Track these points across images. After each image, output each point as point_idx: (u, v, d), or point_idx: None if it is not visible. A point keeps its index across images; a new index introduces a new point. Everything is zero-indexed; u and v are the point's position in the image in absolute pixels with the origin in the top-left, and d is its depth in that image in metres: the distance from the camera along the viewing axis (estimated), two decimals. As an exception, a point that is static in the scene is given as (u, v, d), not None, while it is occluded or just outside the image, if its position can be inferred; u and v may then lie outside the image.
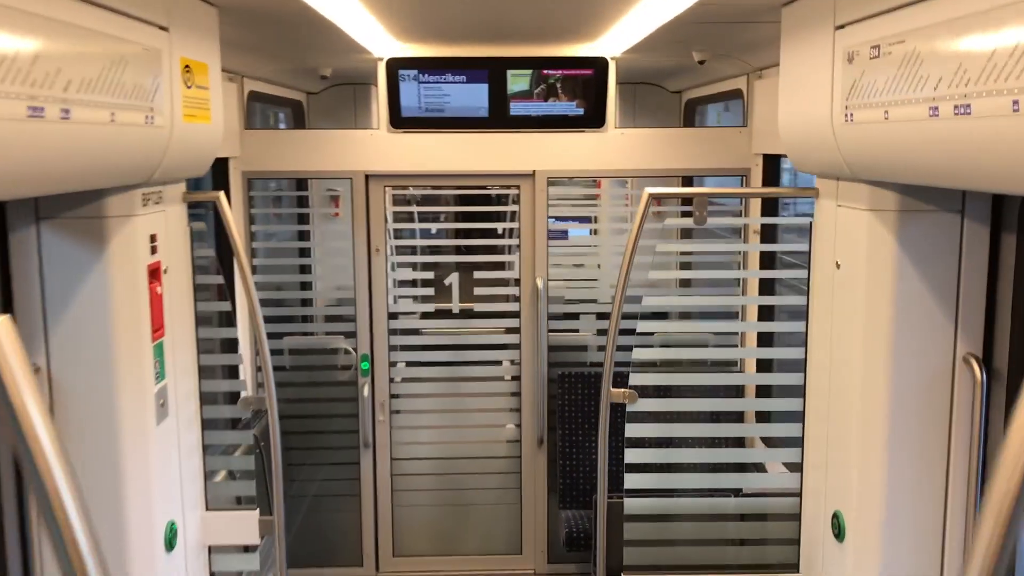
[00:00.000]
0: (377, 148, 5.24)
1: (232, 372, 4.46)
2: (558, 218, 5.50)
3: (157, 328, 2.97)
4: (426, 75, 5.08)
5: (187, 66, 2.85)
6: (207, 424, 3.44)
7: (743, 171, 5.26)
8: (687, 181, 6.40)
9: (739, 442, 4.54)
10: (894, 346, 2.80)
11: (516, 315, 5.48)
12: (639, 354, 3.41)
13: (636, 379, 3.42)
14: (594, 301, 5.62)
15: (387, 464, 5.56)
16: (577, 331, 5.68)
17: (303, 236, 6.06)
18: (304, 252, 6.02)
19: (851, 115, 2.59)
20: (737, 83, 5.52)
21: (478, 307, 5.47)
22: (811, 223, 3.25)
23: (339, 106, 7.35)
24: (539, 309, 5.30)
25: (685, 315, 4.85)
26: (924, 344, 2.80)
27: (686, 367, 3.98)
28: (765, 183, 5.15)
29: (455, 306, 5.50)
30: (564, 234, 5.94)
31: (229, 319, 3.58)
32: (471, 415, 5.61)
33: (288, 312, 5.62)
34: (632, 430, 3.41)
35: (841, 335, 2.99)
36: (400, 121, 5.18)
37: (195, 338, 3.31)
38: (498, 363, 5.65)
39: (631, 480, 3.45)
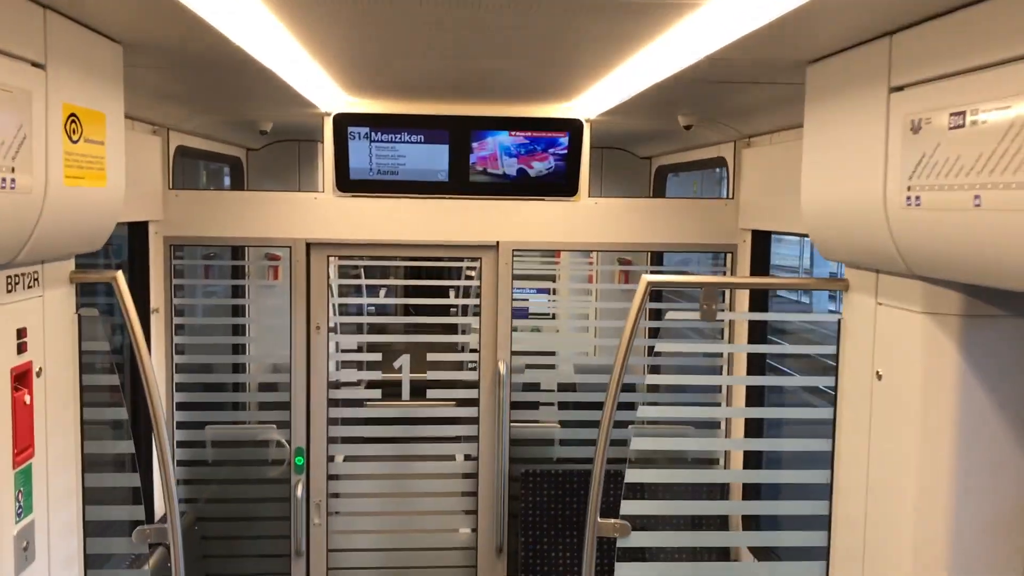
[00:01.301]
0: (321, 213, 4.62)
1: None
2: (517, 290, 4.90)
3: (23, 449, 2.29)
4: (379, 133, 4.50)
5: (73, 115, 2.22)
6: (95, 562, 2.73)
7: (727, 247, 4.76)
8: (657, 257, 5.89)
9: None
10: (958, 479, 2.26)
11: (474, 403, 4.85)
12: (633, 476, 2.80)
13: (629, 508, 2.81)
14: (551, 390, 5.03)
15: (322, 575, 4.82)
16: (537, 422, 5.07)
17: (238, 311, 5.41)
18: (238, 329, 5.35)
19: (916, 198, 2.06)
20: (720, 151, 5.05)
21: (431, 393, 4.82)
22: (839, 322, 2.72)
23: (282, 165, 6.73)
24: (501, 397, 4.68)
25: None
26: (994, 477, 2.27)
27: (687, 492, 3.39)
28: (753, 262, 4.64)
29: (405, 392, 4.85)
30: (524, 312, 5.37)
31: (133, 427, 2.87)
32: (420, 518, 4.92)
33: (214, 398, 4.91)
34: (625, 571, 2.78)
35: (885, 460, 2.43)
36: (348, 184, 4.58)
37: (79, 455, 2.62)
38: (451, 458, 4.99)
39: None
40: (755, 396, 4.55)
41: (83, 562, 2.65)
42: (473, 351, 4.96)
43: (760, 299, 4.64)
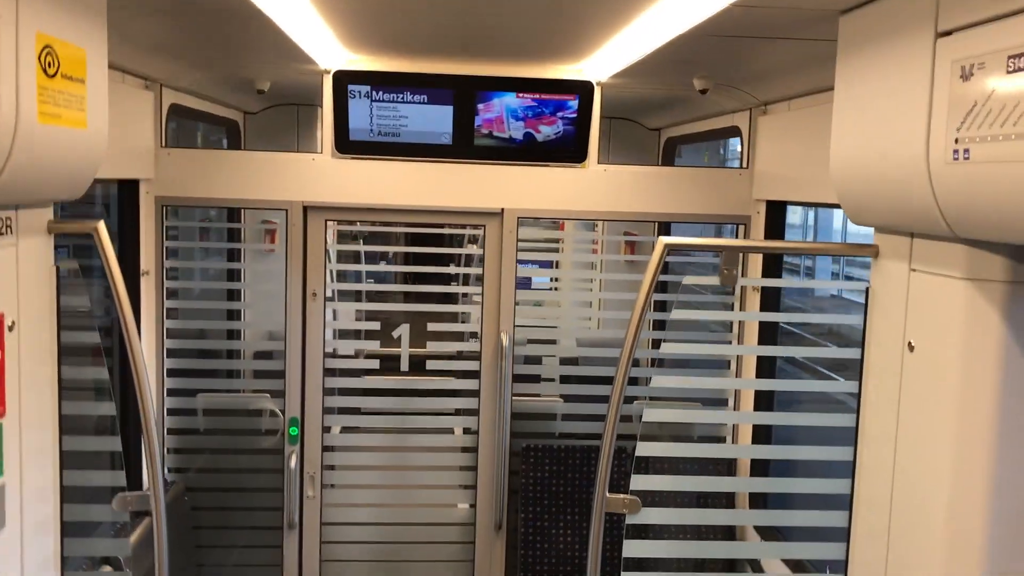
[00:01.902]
0: (319, 175, 4.45)
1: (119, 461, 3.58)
2: (520, 262, 4.72)
3: (-7, 406, 2.13)
4: (380, 92, 4.31)
5: (48, 47, 2.05)
6: (71, 529, 2.57)
7: (741, 218, 4.59)
8: (664, 227, 5.71)
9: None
10: (998, 459, 2.10)
11: (475, 375, 4.69)
12: (644, 449, 2.64)
13: (639, 483, 2.65)
14: (553, 356, 4.85)
15: (315, 549, 4.69)
16: (539, 395, 4.92)
17: (233, 275, 5.25)
18: (233, 295, 5.19)
19: (965, 151, 1.89)
20: (735, 120, 4.86)
21: (431, 365, 4.67)
22: (866, 290, 2.55)
23: (280, 129, 6.54)
24: (503, 369, 4.53)
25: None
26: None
27: (694, 469, 3.23)
28: (768, 233, 4.47)
29: (404, 362, 4.69)
30: (527, 282, 5.20)
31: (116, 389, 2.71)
32: (417, 492, 4.78)
33: (207, 365, 4.75)
34: (633, 548, 2.63)
35: (916, 437, 2.27)
36: (347, 145, 4.40)
37: (55, 416, 2.46)
38: (450, 431, 4.84)
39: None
40: (767, 370, 4.40)
41: (59, 529, 2.50)
42: (472, 333, 4.79)
43: (774, 269, 4.46)
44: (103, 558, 2.88)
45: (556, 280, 6.35)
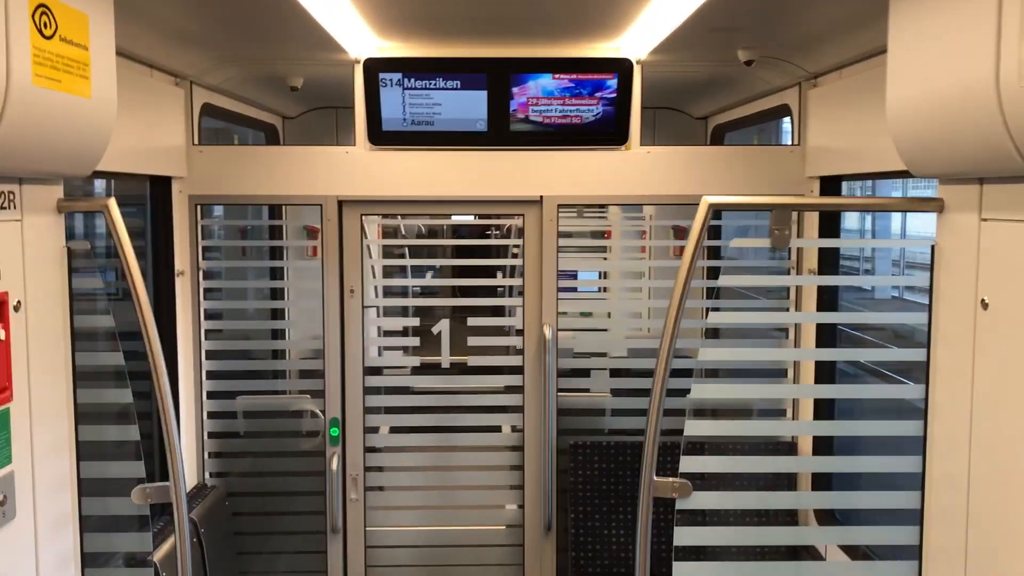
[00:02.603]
0: (353, 168, 4.34)
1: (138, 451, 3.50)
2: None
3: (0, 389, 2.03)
4: (412, 79, 4.19)
5: (43, 6, 1.95)
6: (92, 524, 2.46)
7: (794, 198, 4.35)
8: (716, 214, 5.47)
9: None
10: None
11: (519, 371, 4.52)
12: (693, 428, 2.44)
13: (689, 464, 2.45)
14: (604, 355, 4.67)
15: (360, 554, 4.55)
16: (588, 391, 4.74)
17: (275, 274, 5.16)
18: (275, 294, 5.10)
19: (1042, 69, 1.68)
20: (783, 98, 4.64)
21: (473, 361, 4.51)
22: (932, 249, 2.33)
23: (319, 133, 6.48)
24: (547, 363, 4.35)
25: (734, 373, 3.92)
26: None
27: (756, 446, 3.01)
28: (822, 215, 4.23)
29: (445, 360, 4.55)
30: (572, 276, 5.02)
31: (145, 374, 2.59)
32: (464, 494, 4.62)
33: (247, 367, 4.67)
34: (684, 536, 2.43)
35: (994, 404, 2.04)
36: (380, 136, 4.29)
37: (70, 403, 2.36)
38: (497, 429, 4.67)
39: None
40: (827, 344, 4.14)
41: (78, 523, 2.40)
42: (518, 330, 4.62)
43: (831, 258, 4.21)
44: (127, 555, 2.76)
45: (604, 290, 6.13)
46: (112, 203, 2.34)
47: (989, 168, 2.00)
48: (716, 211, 5.24)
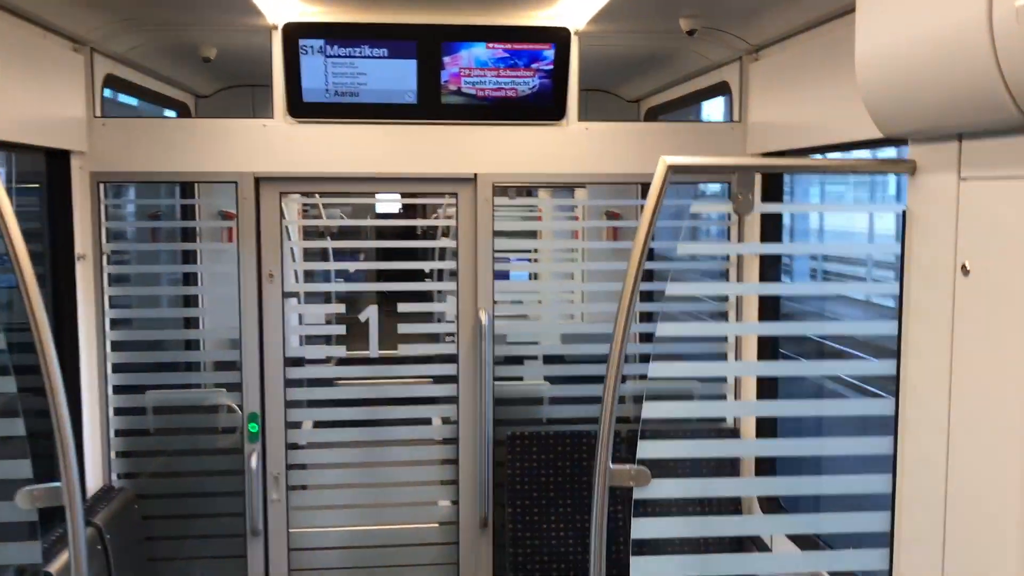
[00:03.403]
0: (271, 143, 4.03)
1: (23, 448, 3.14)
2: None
3: None
4: (336, 47, 3.91)
5: None
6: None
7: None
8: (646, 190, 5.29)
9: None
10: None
11: (453, 359, 4.28)
12: (652, 410, 2.24)
13: (648, 450, 2.25)
14: (535, 343, 4.48)
15: (283, 557, 4.25)
16: (521, 378, 4.54)
17: (187, 258, 4.80)
18: (187, 280, 4.75)
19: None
20: (723, 74, 4.50)
21: (404, 349, 4.25)
22: (902, 215, 2.17)
23: (235, 113, 6.09)
24: (483, 351, 4.12)
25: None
26: None
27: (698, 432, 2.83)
28: (765, 190, 4.10)
29: (373, 349, 4.28)
30: (504, 275, 4.79)
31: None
32: (394, 490, 4.35)
33: (157, 358, 4.32)
34: (643, 529, 2.23)
35: (977, 377, 1.89)
36: (301, 108, 3.99)
37: None
38: (427, 422, 4.43)
39: None
40: (768, 350, 4.02)
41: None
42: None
43: (773, 235, 4.08)
44: (18, 569, 2.44)
45: (535, 277, 5.93)
46: None
47: (974, 121, 1.85)
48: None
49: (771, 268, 4.16)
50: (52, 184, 3.84)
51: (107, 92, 4.18)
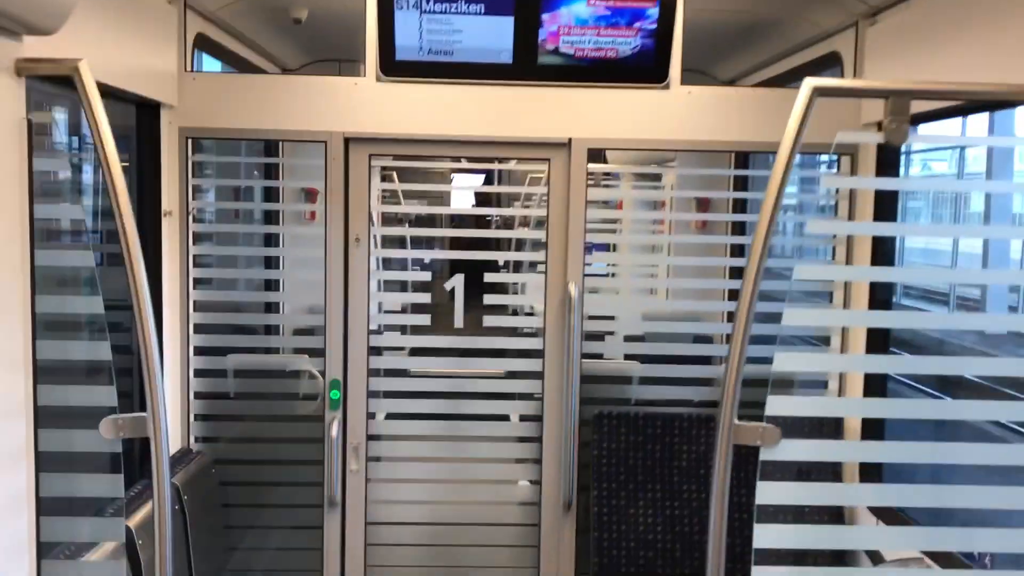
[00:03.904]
0: (362, 102, 3.92)
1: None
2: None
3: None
4: (431, 2, 3.77)
5: None
6: (51, 461, 2.04)
7: (847, 148, 3.95)
8: (742, 160, 5.03)
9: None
10: None
11: (539, 334, 4.11)
12: (784, 363, 2.02)
13: (777, 406, 2.02)
14: (612, 317, 4.28)
15: (360, 530, 4.12)
16: (601, 356, 4.34)
17: (271, 219, 4.73)
18: (271, 240, 4.67)
19: None
20: (834, 44, 4.23)
21: (489, 321, 4.10)
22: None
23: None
24: (571, 325, 3.93)
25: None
26: None
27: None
28: (880, 167, 3.83)
29: (458, 318, 4.13)
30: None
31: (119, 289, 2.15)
32: (475, 467, 4.19)
33: (240, 320, 4.25)
34: (769, 493, 2.00)
35: None
36: (394, 66, 3.87)
37: (27, 310, 1.93)
38: (512, 397, 4.25)
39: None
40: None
41: (34, 460, 1.97)
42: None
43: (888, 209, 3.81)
44: (96, 505, 2.33)
45: (614, 265, 5.71)
46: (83, 65, 1.92)
47: None
48: (743, 155, 4.81)
49: (884, 254, 3.90)
50: (141, 139, 3.79)
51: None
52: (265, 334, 4.36)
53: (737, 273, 4.68)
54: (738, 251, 5.24)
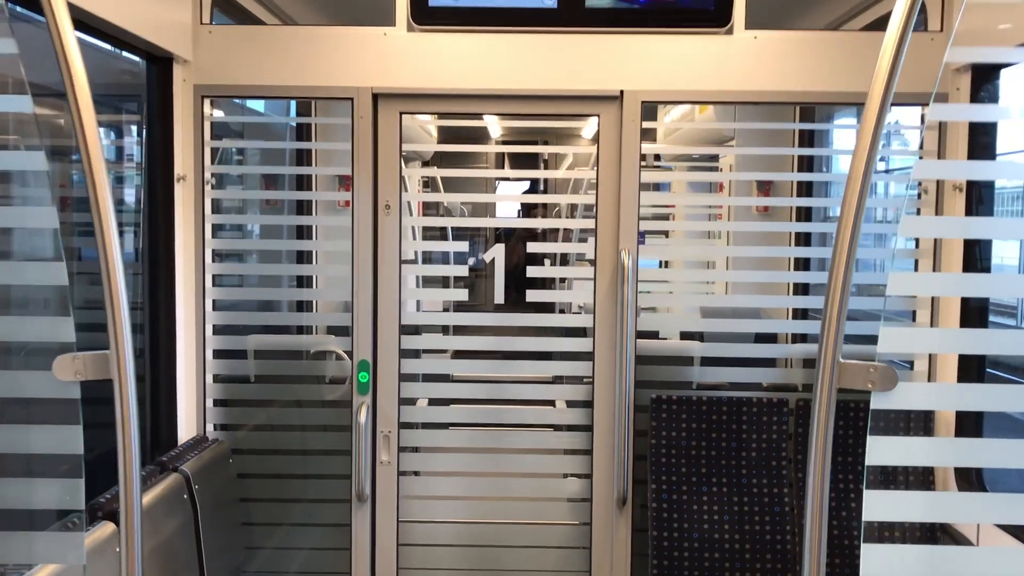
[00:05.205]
0: (391, 54, 3.57)
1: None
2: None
3: None
4: (467, -61, 3.42)
5: None
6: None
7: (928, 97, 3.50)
8: (807, 114, 4.57)
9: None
10: None
11: (587, 311, 3.71)
12: (902, 285, 1.58)
13: (891, 341, 1.59)
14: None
15: (392, 527, 3.73)
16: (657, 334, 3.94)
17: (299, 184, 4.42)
18: (301, 208, 4.34)
19: None
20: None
21: (532, 295, 3.70)
22: None
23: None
24: (624, 297, 3.52)
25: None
26: None
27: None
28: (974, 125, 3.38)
29: (499, 293, 3.75)
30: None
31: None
32: (519, 458, 3.78)
33: (262, 295, 3.92)
34: (881, 451, 1.56)
35: None
36: (427, 14, 3.52)
37: None
38: (559, 380, 3.85)
39: (873, 558, 1.59)
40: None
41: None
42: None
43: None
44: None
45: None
46: None
47: None
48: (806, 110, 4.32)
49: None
50: (152, 97, 3.49)
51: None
52: (294, 312, 4.01)
53: (802, 264, 4.28)
54: (803, 239, 4.82)
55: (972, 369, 3.32)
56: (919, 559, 1.55)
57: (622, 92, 3.55)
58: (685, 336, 4.01)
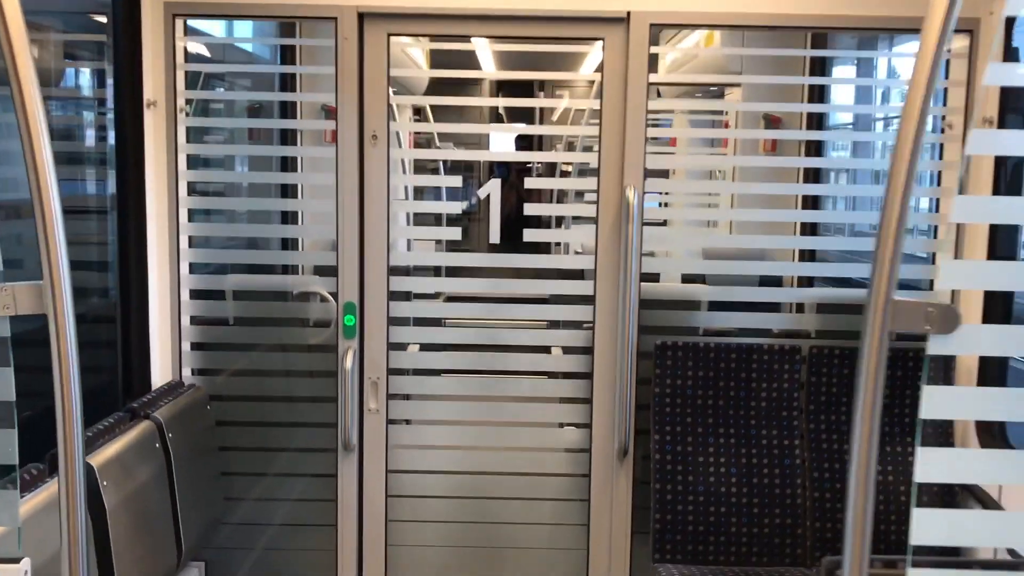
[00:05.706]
0: None
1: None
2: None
3: None
4: None
5: None
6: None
7: (965, 26, 3.25)
8: (819, 42, 4.29)
9: None
10: None
11: (588, 252, 3.48)
12: (952, 276, 1.34)
13: (953, 276, 1.36)
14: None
15: (380, 478, 3.54)
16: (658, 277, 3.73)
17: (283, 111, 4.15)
18: (285, 138, 4.08)
19: None
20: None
21: (529, 235, 3.47)
22: None
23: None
24: (628, 237, 3.28)
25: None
26: None
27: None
28: (1007, 48, 3.12)
29: (494, 232, 3.51)
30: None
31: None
32: (513, 407, 3.58)
33: (240, 232, 3.68)
34: (937, 404, 1.34)
35: None
36: (416, -75, 3.23)
37: None
38: (554, 326, 3.63)
39: (926, 526, 1.37)
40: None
41: None
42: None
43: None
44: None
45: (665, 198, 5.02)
46: None
47: None
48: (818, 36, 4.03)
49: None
50: (117, 17, 3.21)
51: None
52: (277, 251, 3.79)
53: (810, 202, 4.06)
54: (812, 176, 4.57)
55: (997, 312, 3.11)
56: (978, 525, 1.34)
57: (628, 14, 3.28)
58: (687, 279, 3.79)
